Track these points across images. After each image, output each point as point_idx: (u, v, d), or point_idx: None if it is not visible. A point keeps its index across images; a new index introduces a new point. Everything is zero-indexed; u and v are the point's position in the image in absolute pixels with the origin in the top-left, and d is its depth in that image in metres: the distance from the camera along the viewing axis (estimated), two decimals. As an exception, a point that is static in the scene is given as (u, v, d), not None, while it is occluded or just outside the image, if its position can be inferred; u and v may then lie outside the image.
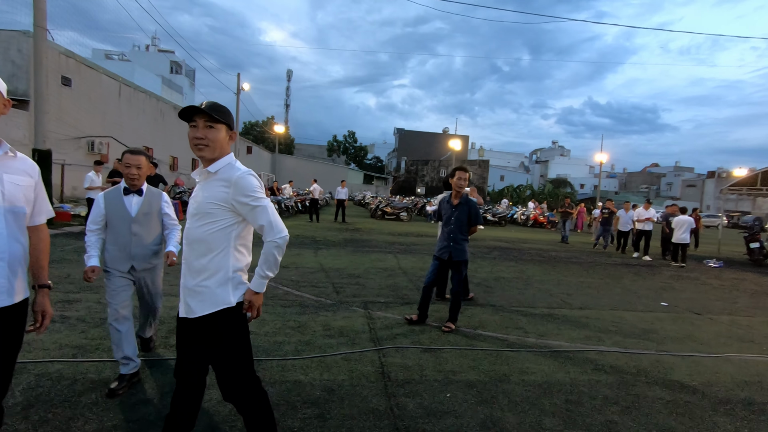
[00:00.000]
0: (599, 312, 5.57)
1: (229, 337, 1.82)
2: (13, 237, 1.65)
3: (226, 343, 1.81)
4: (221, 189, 1.77)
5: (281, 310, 4.66)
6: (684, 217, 10.98)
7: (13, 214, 1.64)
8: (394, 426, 2.52)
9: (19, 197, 1.66)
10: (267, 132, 53.04)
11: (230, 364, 1.83)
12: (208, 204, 1.78)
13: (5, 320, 1.62)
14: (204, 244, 1.79)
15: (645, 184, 75.63)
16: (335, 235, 12.51)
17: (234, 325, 1.83)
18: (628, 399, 3.08)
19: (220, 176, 1.80)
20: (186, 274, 1.84)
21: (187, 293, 1.83)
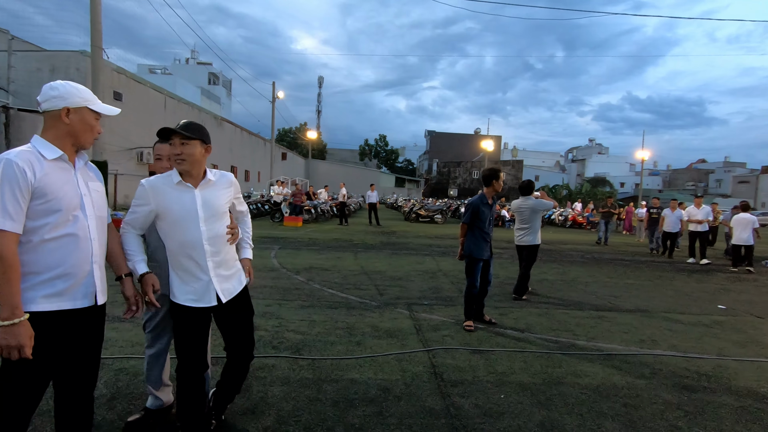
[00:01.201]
0: (651, 314, 5.38)
1: (249, 300, 2.37)
2: (102, 242, 1.77)
3: (250, 307, 2.35)
4: (226, 191, 2.15)
5: (329, 311, 4.79)
6: (744, 215, 9.78)
7: (101, 220, 1.76)
8: (452, 425, 2.56)
9: (102, 204, 1.79)
10: (300, 138, 54.22)
11: (251, 325, 2.36)
12: (224, 205, 2.14)
13: (96, 318, 1.77)
14: (224, 242, 2.15)
15: (691, 181, 71.66)
16: (372, 238, 12.65)
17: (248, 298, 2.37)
18: (691, 404, 2.98)
19: (220, 181, 2.14)
20: (218, 266, 2.10)
21: (223, 280, 2.13)
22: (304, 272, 6.89)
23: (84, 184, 1.71)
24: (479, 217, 4.50)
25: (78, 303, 1.65)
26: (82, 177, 1.72)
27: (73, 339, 1.68)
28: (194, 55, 49.72)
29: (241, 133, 30.09)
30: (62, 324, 1.63)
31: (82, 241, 1.65)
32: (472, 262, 4.51)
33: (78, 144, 1.70)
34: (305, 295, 5.47)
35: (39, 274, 1.57)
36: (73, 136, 1.67)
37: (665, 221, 11.50)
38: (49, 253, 1.58)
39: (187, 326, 2.08)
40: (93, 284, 1.70)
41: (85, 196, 1.68)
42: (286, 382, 3.00)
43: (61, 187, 1.59)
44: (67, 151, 1.66)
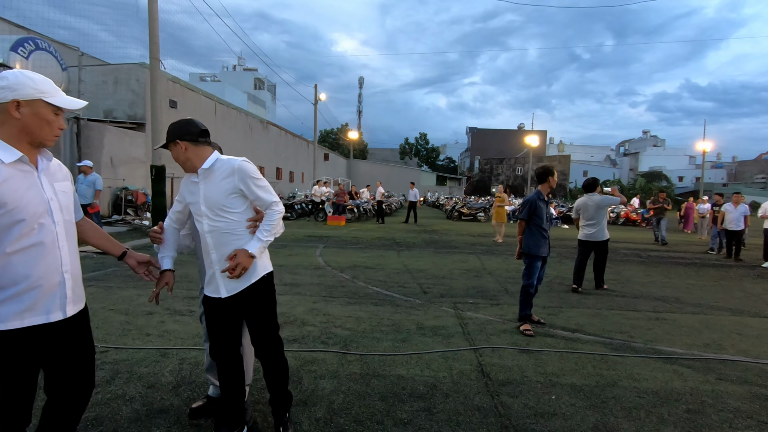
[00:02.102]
0: (716, 317, 5.02)
1: (266, 299, 2.20)
2: (74, 248, 1.64)
3: (264, 304, 2.19)
4: (226, 181, 2.04)
5: (374, 308, 4.86)
6: None
7: (69, 224, 1.63)
8: (502, 424, 2.53)
9: (70, 206, 1.65)
10: (342, 139, 55.08)
11: (266, 322, 2.21)
12: (224, 197, 2.05)
13: (73, 330, 1.62)
14: (230, 235, 2.08)
15: (762, 173, 65.71)
16: (414, 236, 12.65)
17: (269, 289, 2.22)
18: (764, 413, 2.77)
19: (219, 171, 2.06)
20: (221, 260, 2.09)
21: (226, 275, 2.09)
22: (348, 270, 7.02)
23: (49, 187, 1.55)
24: (536, 213, 4.42)
25: (51, 316, 1.52)
26: (47, 179, 1.55)
27: (52, 354, 1.56)
28: (241, 61, 51.80)
29: (286, 135, 31.02)
30: (37, 340, 1.50)
31: (50, 250, 1.50)
32: (532, 260, 4.42)
33: (35, 142, 1.52)
34: (350, 292, 5.58)
35: (4, 289, 1.42)
36: (28, 133, 1.48)
37: (726, 217, 10.05)
38: (14, 267, 1.43)
39: (209, 314, 2.23)
40: (65, 295, 1.56)
41: (52, 201, 1.53)
42: (335, 376, 3.09)
43: (23, 195, 1.44)
44: (25, 151, 1.48)
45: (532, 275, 4.40)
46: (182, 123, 2.09)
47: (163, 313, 4.36)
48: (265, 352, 2.25)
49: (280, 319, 4.26)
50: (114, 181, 13.29)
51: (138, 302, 4.77)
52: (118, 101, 15.00)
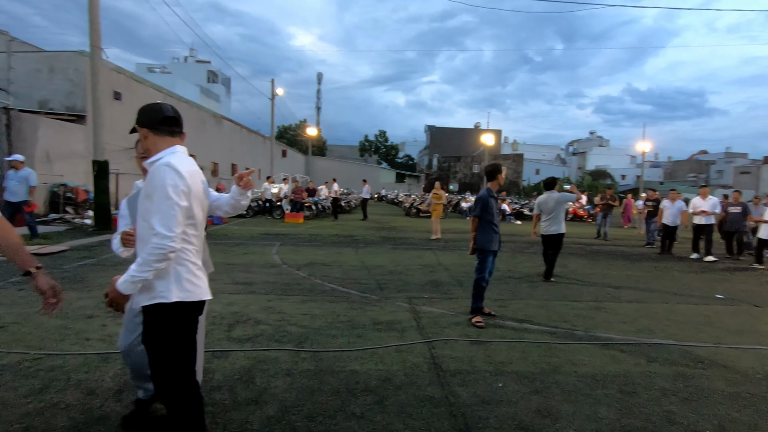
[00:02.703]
0: (650, 305, 5.43)
1: (151, 334, 1.76)
2: None
3: (148, 338, 1.77)
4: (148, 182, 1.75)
5: (330, 305, 4.85)
6: None
7: None
8: (451, 413, 2.62)
9: None
10: (300, 135, 54.21)
11: (152, 361, 1.79)
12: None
13: None
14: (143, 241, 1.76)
15: (693, 172, 71.42)
16: (372, 233, 12.70)
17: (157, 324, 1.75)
18: (686, 390, 3.04)
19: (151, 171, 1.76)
20: None
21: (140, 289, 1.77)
22: (305, 268, 6.95)
23: None
24: (488, 210, 4.58)
25: None
26: None
27: None
28: (192, 53, 49.64)
29: (241, 130, 30.10)
30: None
31: None
32: (484, 255, 4.58)
33: None
34: (306, 289, 5.53)
35: None
36: None
37: (664, 213, 10.54)
38: None
39: None
40: None
41: None
42: (288, 373, 3.07)
43: None
44: None
45: (485, 269, 4.56)
46: (147, 106, 1.85)
47: (105, 317, 4.14)
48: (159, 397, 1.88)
49: (233, 318, 4.19)
50: (50, 177, 12.37)
51: (77, 305, 4.49)
52: (54, 91, 13.95)
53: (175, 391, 1.81)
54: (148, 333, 1.78)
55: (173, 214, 1.67)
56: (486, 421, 2.54)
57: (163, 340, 1.77)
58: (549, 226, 6.75)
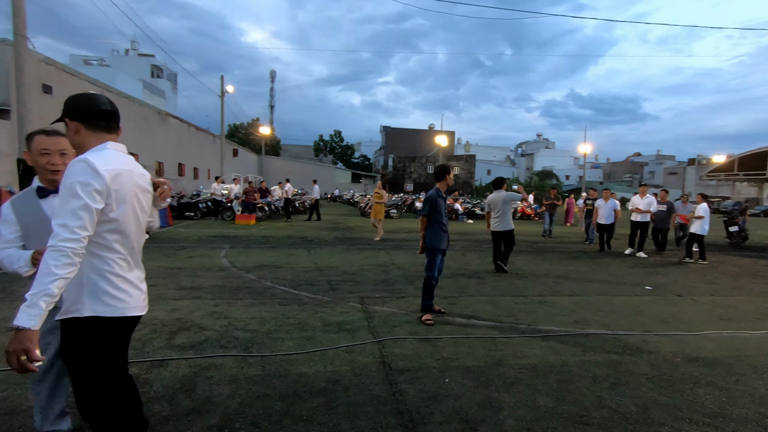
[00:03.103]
0: (587, 298, 5.78)
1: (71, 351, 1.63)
2: None
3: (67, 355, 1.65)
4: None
5: (280, 308, 4.75)
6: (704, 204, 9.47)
7: None
8: (397, 410, 2.66)
9: None
10: (252, 134, 52.70)
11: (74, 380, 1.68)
12: None
13: None
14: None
15: (629, 173, 76.96)
16: (326, 234, 12.59)
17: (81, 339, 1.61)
18: (615, 376, 3.27)
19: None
20: None
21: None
22: (255, 270, 6.77)
23: None
24: (437, 209, 4.68)
25: None
26: None
27: None
28: (134, 46, 46.82)
29: (188, 128, 28.77)
30: None
31: None
32: (434, 253, 4.67)
33: None
34: (256, 293, 5.39)
35: None
36: None
37: (599, 212, 10.79)
38: None
39: None
40: None
41: None
42: (233, 380, 2.98)
43: None
44: None
45: (434, 268, 4.66)
46: (79, 97, 1.68)
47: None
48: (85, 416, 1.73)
49: (176, 325, 4.00)
50: (-32, 177, 11.21)
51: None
52: (-28, 82, 12.65)
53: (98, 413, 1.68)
54: (64, 349, 1.64)
55: (79, 214, 1.47)
56: (431, 417, 2.60)
57: (80, 359, 1.62)
58: (498, 223, 7.40)
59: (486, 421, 2.57)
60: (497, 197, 7.43)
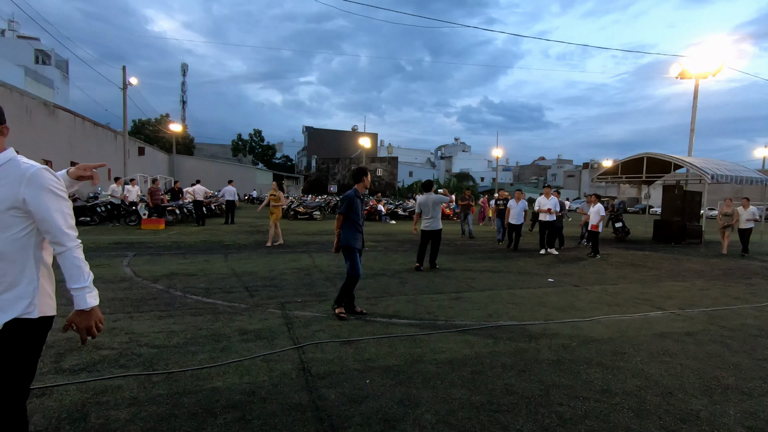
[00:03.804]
0: (499, 292, 6.20)
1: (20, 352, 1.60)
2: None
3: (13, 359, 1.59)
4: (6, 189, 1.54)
5: (191, 319, 4.43)
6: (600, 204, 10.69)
7: None
8: (317, 417, 2.61)
9: None
10: (162, 131, 48.61)
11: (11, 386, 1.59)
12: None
13: None
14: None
15: (535, 175, 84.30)
16: (245, 238, 12.04)
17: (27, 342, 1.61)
18: (522, 364, 3.54)
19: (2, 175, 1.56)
20: None
21: None
22: (164, 279, 6.23)
23: None
24: (353, 209, 4.76)
25: None
26: None
27: None
28: (12, 26, 40.70)
29: (84, 123, 25.68)
30: None
31: None
32: (351, 251, 4.74)
33: None
34: (164, 304, 4.96)
35: None
36: None
37: (510, 213, 11.20)
38: None
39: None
40: None
41: None
42: (134, 402, 2.70)
43: None
44: None
45: (357, 264, 4.73)
46: None
47: None
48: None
49: (65, 346, 3.56)
50: None
51: None
52: None
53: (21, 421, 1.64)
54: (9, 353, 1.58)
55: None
56: (351, 420, 2.59)
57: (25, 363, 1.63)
58: (428, 223, 7.78)
59: (405, 419, 2.62)
60: (428, 199, 7.77)
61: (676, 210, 15.26)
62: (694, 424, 2.68)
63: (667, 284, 7.24)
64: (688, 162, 14.65)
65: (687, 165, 14.72)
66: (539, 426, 2.59)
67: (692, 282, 7.53)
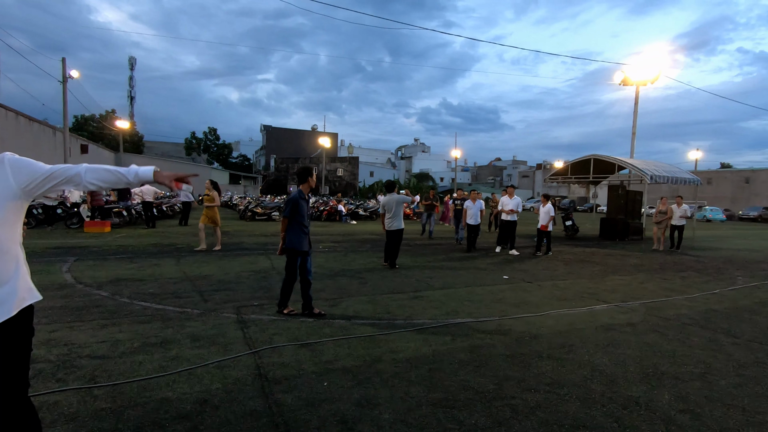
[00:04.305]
0: (456, 290, 6.34)
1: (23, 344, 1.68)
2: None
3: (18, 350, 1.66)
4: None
5: (139, 327, 4.20)
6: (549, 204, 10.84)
7: None
8: (273, 422, 2.55)
9: None
10: (107, 128, 45.82)
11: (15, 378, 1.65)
12: None
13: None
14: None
15: (492, 176, 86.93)
16: (199, 240, 11.56)
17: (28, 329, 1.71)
18: (478, 359, 3.63)
19: None
20: None
21: None
22: (108, 286, 5.87)
23: None
24: (299, 211, 4.71)
25: None
26: None
27: None
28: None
29: (17, 118, 23.71)
30: None
31: None
32: (294, 255, 4.74)
33: None
34: (108, 312, 4.67)
35: None
36: None
37: (468, 213, 10.94)
38: None
39: None
40: None
41: None
42: (73, 418, 2.52)
43: None
44: None
45: (294, 269, 4.76)
46: None
47: None
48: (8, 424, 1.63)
49: None
50: None
51: None
52: None
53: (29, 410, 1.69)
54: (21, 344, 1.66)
55: None
56: (308, 423, 2.55)
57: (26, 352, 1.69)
58: (392, 223, 7.98)
59: (363, 420, 2.62)
60: (391, 199, 8.01)
61: (620, 208, 16.25)
62: (634, 409, 2.86)
63: (612, 279, 7.69)
64: (629, 163, 15.63)
65: (629, 166, 15.70)
66: (493, 420, 2.67)
67: (634, 276, 8.05)
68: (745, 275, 8.52)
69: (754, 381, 3.39)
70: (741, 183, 46.99)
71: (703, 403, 2.99)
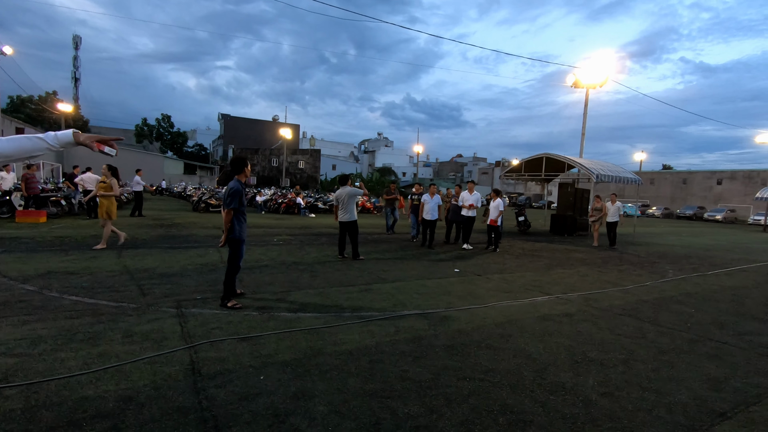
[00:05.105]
0: (407, 283, 6.41)
1: None
2: None
3: None
4: None
5: (66, 322, 3.95)
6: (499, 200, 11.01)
7: None
8: (202, 418, 2.48)
9: None
10: (48, 111, 42.59)
11: None
12: None
13: None
14: None
15: (453, 171, 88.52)
16: (146, 232, 11.03)
17: None
18: (419, 350, 3.69)
19: None
20: None
21: None
22: (36, 279, 5.48)
23: None
24: (241, 201, 4.81)
25: None
26: None
27: None
28: None
29: (-60, 97, 21.59)
30: None
31: None
32: (239, 244, 4.83)
33: None
34: (32, 307, 4.36)
35: None
36: None
37: (425, 208, 10.69)
38: None
39: None
40: None
41: None
42: (-23, 421, 2.33)
43: None
44: None
45: (240, 257, 4.86)
46: None
47: None
48: None
49: None
50: None
51: None
52: None
53: None
54: None
55: None
56: (239, 418, 2.50)
57: None
58: (344, 215, 8.22)
59: (296, 412, 2.60)
60: (343, 192, 8.20)
61: (569, 205, 17.03)
62: (560, 394, 3.01)
63: (556, 272, 8.05)
64: (578, 163, 16.38)
65: (578, 165, 16.45)
66: (427, 408, 2.72)
67: (576, 269, 8.47)
68: (675, 269, 9.18)
69: (670, 365, 3.67)
70: (679, 184, 50.51)
71: (622, 386, 3.19)
